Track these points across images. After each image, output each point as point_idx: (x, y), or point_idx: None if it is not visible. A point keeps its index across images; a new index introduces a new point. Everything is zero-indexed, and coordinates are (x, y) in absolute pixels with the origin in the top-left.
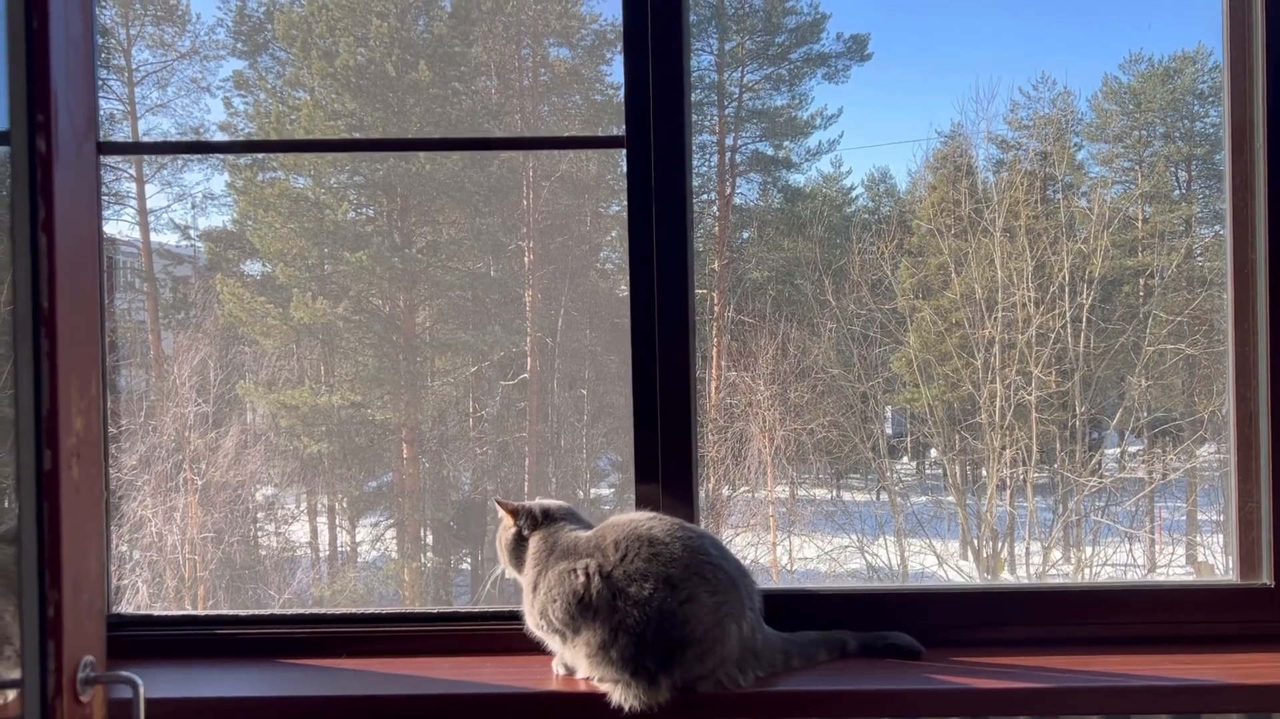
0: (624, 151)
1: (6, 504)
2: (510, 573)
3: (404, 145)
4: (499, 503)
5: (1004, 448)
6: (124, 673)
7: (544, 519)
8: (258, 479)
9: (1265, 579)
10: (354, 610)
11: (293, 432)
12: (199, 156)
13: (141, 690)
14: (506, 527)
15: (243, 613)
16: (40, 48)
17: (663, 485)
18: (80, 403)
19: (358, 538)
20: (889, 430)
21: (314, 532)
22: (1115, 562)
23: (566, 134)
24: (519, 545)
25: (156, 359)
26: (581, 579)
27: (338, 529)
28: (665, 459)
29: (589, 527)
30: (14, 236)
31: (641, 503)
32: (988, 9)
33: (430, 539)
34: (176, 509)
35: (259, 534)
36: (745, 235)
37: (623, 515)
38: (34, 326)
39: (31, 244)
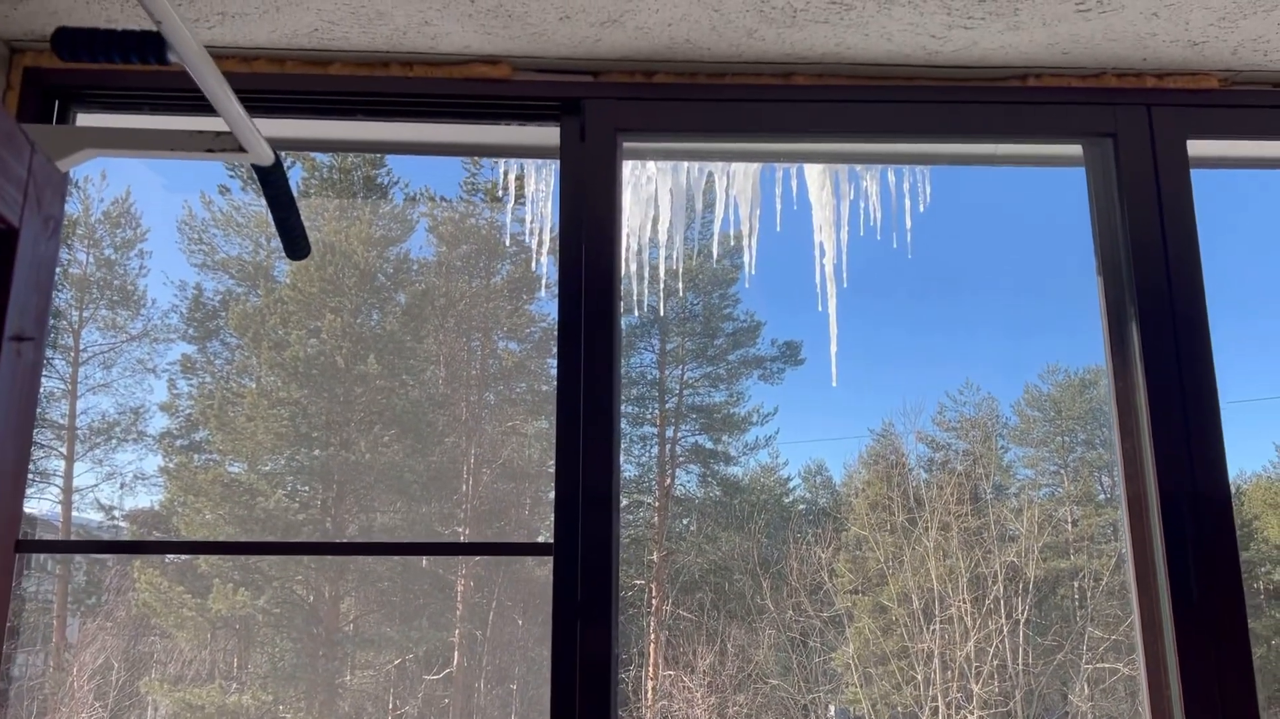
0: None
1: None
2: None
3: (336, 549)
4: None
5: None
6: None
7: None
8: None
9: None
10: None
11: None
12: (134, 437)
13: None
14: None
15: None
16: None
17: None
18: None
19: None
20: None
21: None
22: None
23: (519, 434)
24: None
25: (58, 647)
26: None
27: None
28: None
29: None
30: None
31: None
32: (912, 322)
33: None
34: None
35: None
36: (685, 521)
37: None
38: None
39: None
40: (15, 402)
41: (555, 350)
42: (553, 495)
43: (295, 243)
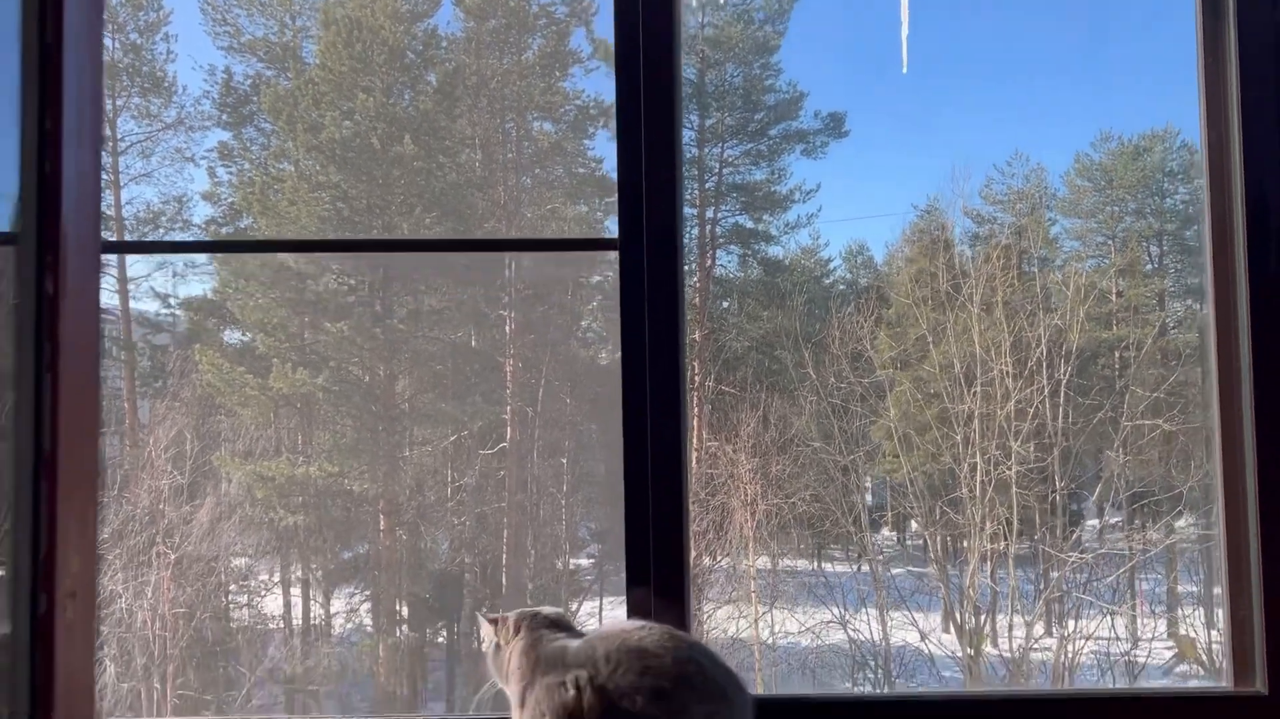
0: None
1: None
2: (499, 684)
3: (398, 246)
4: (480, 616)
5: (985, 522)
6: None
7: (522, 628)
8: (232, 551)
9: (1259, 687)
10: (339, 717)
11: (268, 503)
12: (180, 225)
13: None
14: (489, 638)
15: None
16: (52, 187)
17: (654, 591)
18: (79, 543)
19: (332, 610)
20: (869, 501)
21: (287, 604)
22: (1098, 636)
23: (559, 217)
24: (499, 656)
25: (132, 428)
26: (572, 693)
27: (312, 602)
28: (657, 565)
29: (575, 634)
30: (18, 377)
31: (633, 608)
32: (962, 86)
33: (406, 612)
34: (148, 584)
35: (231, 608)
36: (725, 304)
37: (613, 625)
38: (34, 468)
39: (35, 385)
40: (87, 87)
41: (590, 131)
42: (595, 279)
43: None
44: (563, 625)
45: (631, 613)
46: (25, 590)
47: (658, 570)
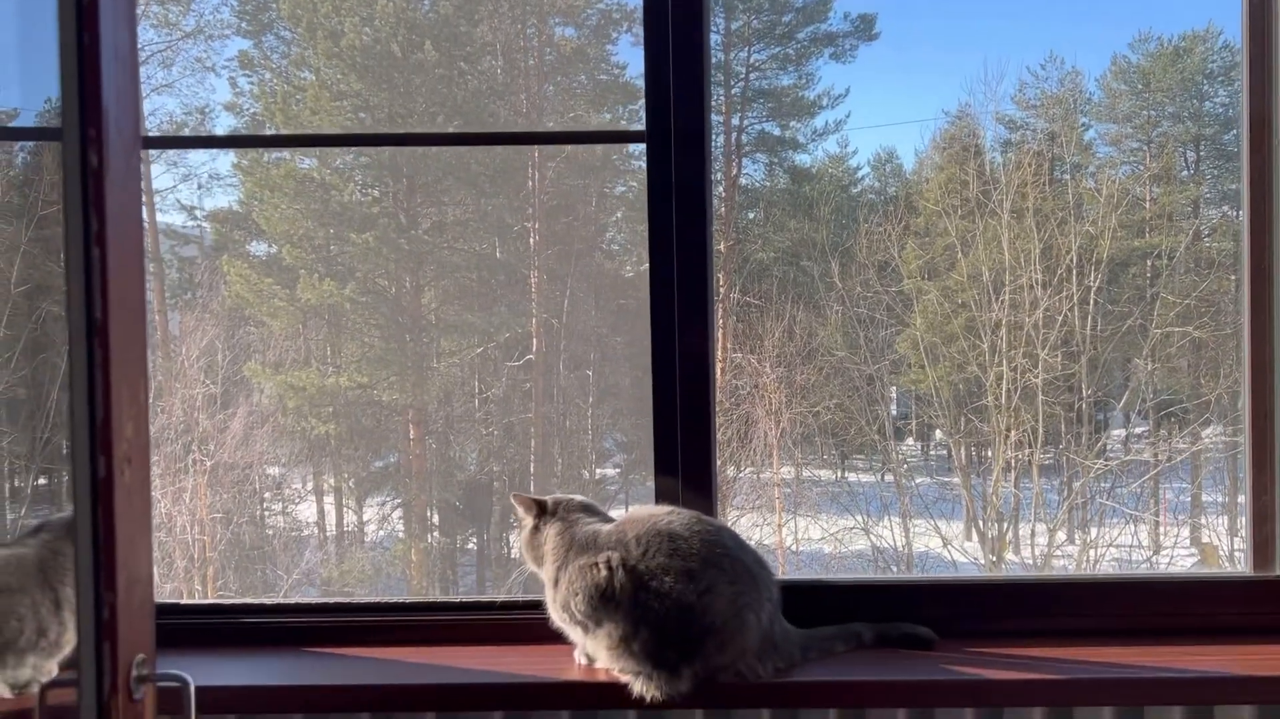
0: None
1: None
2: (532, 567)
3: (423, 140)
4: (515, 497)
5: (1010, 430)
6: (175, 671)
7: (556, 511)
8: (266, 460)
9: (1278, 571)
10: (377, 599)
11: (300, 412)
12: (204, 137)
13: (192, 688)
14: (524, 521)
15: (267, 602)
16: (91, 62)
17: (682, 478)
18: (131, 409)
19: (364, 518)
20: (894, 412)
21: (321, 512)
22: (1120, 543)
23: (582, 126)
24: (534, 539)
25: (163, 340)
26: (604, 573)
27: (344, 509)
28: (685, 452)
29: (606, 519)
30: (67, 249)
31: (661, 495)
32: None
33: (437, 519)
34: (185, 490)
35: (266, 514)
36: (751, 216)
37: (642, 510)
38: (88, 337)
39: (84, 257)
40: None
41: (613, 36)
42: (620, 190)
43: None
44: (594, 511)
45: (660, 499)
46: (84, 455)
47: (685, 458)
